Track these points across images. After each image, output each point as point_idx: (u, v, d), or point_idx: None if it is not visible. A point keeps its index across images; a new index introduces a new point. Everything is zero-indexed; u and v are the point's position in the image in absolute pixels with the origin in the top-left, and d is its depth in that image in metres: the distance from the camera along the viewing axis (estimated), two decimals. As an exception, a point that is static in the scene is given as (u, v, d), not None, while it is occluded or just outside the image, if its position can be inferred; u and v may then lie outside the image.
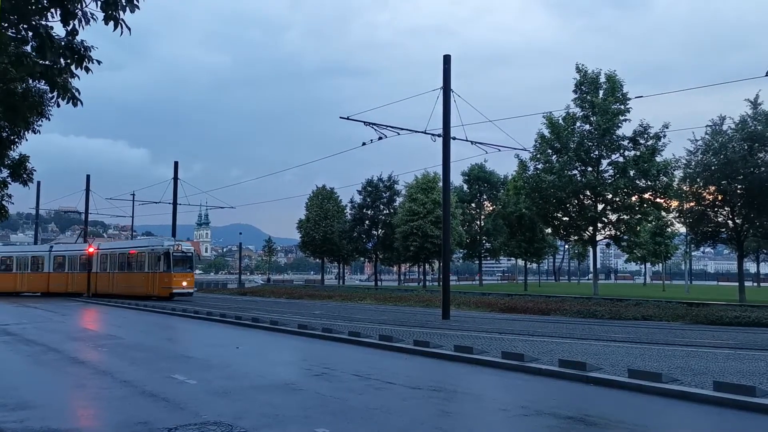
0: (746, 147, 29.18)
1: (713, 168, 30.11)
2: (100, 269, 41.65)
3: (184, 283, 36.59)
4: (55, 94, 7.82)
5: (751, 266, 78.88)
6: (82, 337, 17.98)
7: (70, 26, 6.84)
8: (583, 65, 36.45)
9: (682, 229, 47.17)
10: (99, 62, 7.48)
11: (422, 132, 24.31)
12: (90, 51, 7.32)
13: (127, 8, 6.54)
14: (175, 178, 45.79)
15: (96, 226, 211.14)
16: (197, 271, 56.60)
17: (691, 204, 32.46)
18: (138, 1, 6.58)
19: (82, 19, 6.88)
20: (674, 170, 34.09)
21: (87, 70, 7.39)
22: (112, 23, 6.61)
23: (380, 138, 23.88)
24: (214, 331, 19.77)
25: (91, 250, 44.41)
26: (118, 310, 30.50)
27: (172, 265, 35.83)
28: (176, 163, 46.77)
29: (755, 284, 66.46)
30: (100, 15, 6.72)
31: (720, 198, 30.77)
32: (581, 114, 36.12)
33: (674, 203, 35.38)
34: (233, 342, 16.51)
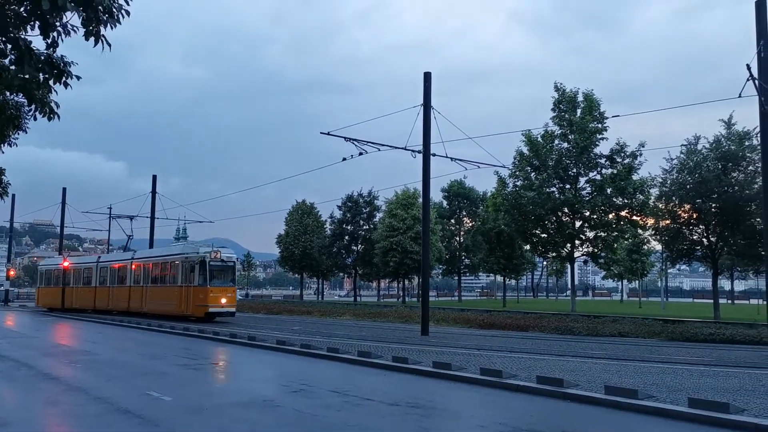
0: (720, 166, 29.68)
1: (688, 187, 30.55)
2: (134, 282, 35.66)
3: (223, 300, 29.33)
4: (33, 107, 7.76)
5: (725, 283, 79.94)
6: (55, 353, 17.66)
7: (50, 39, 6.82)
8: (561, 84, 36.94)
9: (658, 247, 47.68)
10: (78, 78, 7.45)
11: (402, 148, 24.44)
12: (70, 66, 7.29)
13: (109, 24, 6.54)
14: (153, 192, 45.44)
15: (72, 240, 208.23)
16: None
17: (667, 222, 32.87)
18: (119, 18, 6.58)
19: (62, 32, 6.86)
20: (650, 188, 34.52)
21: (66, 85, 7.35)
22: (92, 39, 6.59)
23: (360, 153, 23.95)
24: (192, 346, 19.56)
25: (66, 264, 43.59)
26: (93, 325, 30.05)
27: (209, 278, 29.04)
28: (154, 177, 46.46)
29: (729, 301, 67.30)
30: (80, 29, 6.70)
31: (695, 216, 31.20)
32: (559, 132, 36.53)
33: (650, 221, 35.80)
34: (211, 358, 16.34)
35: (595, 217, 36.38)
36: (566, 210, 36.78)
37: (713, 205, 30.07)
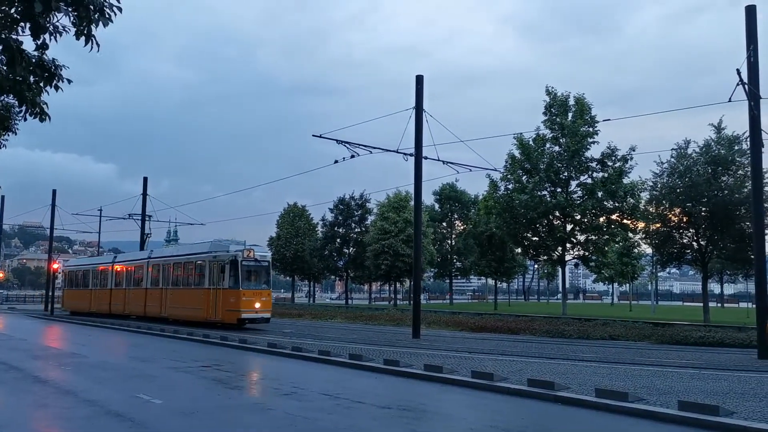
0: (710, 170, 29.86)
1: (678, 190, 30.71)
2: (151, 284, 32.50)
3: (257, 305, 25.96)
4: (23, 108, 7.72)
5: (715, 287, 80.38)
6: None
7: (41, 40, 6.79)
8: (552, 88, 37.04)
9: (649, 250, 47.91)
10: (69, 81, 7.41)
11: (394, 151, 24.44)
12: (61, 69, 7.26)
13: (100, 22, 6.51)
14: (144, 194, 45.19)
15: (61, 242, 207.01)
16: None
17: (657, 225, 33.02)
18: (110, 16, 6.56)
19: (53, 33, 6.83)
20: (641, 192, 34.66)
21: (57, 88, 7.32)
22: (83, 38, 6.56)
23: (352, 156, 23.95)
24: (182, 348, 19.48)
25: (55, 266, 43.26)
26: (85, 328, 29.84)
27: (241, 279, 25.84)
28: (145, 179, 46.22)
29: (719, 305, 67.66)
30: (71, 29, 6.68)
31: (685, 220, 31.36)
32: (551, 136, 36.63)
33: (641, 224, 35.93)
34: (202, 361, 16.27)
35: (586, 220, 36.49)
36: (557, 213, 36.86)
37: (703, 208, 30.23)
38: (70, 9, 6.33)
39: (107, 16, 6.52)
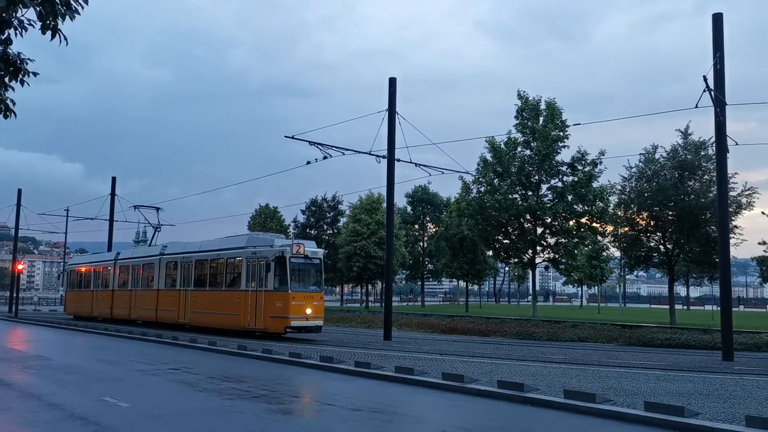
0: (677, 175, 30.40)
1: (646, 195, 31.20)
2: (166, 284, 28.53)
3: (309, 311, 21.95)
4: (-13, 105, 7.52)
5: (681, 290, 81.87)
6: None
7: (5, 35, 6.63)
8: (524, 92, 37.36)
9: (617, 253, 48.54)
10: (35, 74, 7.26)
11: (367, 153, 24.40)
12: (26, 64, 7.10)
13: (67, 16, 6.38)
14: (113, 194, 44.50)
15: (26, 242, 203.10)
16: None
17: (626, 229, 33.51)
18: (77, 9, 6.43)
19: (18, 28, 6.68)
20: (610, 196, 35.15)
21: (23, 82, 7.16)
22: (49, 33, 6.43)
23: (325, 157, 23.84)
24: (142, 349, 19.20)
25: (20, 267, 42.08)
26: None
27: (289, 280, 21.96)
28: (114, 179, 45.53)
29: (685, 307, 68.92)
30: (37, 23, 6.53)
31: (652, 224, 31.88)
32: (522, 139, 36.94)
33: (609, 228, 36.43)
34: (165, 363, 16.05)
35: (556, 223, 36.87)
36: (528, 216, 37.19)
37: (670, 213, 30.77)
38: (35, 2, 6.19)
39: (73, 9, 6.39)
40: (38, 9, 6.29)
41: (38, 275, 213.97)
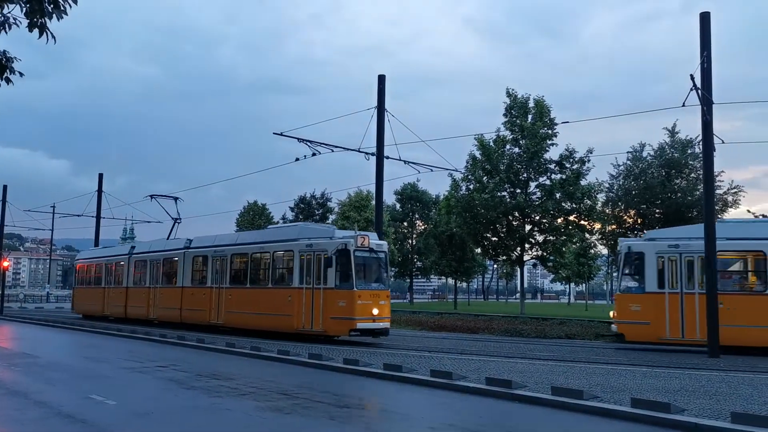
0: (664, 173, 30.63)
1: (634, 192, 31.42)
2: (193, 281, 25.92)
3: (375, 311, 19.41)
4: (-28, 100, 7.46)
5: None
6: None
7: (-11, 32, 6.57)
8: (513, 90, 37.43)
9: (605, 251, 48.97)
10: (21, 74, 7.19)
11: (356, 150, 24.39)
12: (13, 62, 7.03)
13: (54, 15, 6.33)
14: (99, 191, 44.16)
15: (12, 239, 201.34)
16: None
17: (613, 227, 33.72)
18: (65, 9, 6.38)
19: (4, 25, 6.62)
20: (597, 194, 35.37)
21: (8, 81, 7.09)
22: (36, 31, 6.38)
23: (314, 154, 23.81)
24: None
25: (5, 264, 41.02)
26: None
27: (354, 276, 19.48)
28: (101, 175, 45.19)
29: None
30: (24, 21, 6.48)
31: (639, 221, 32.09)
32: (511, 137, 37.04)
33: (597, 225, 36.67)
34: (156, 361, 16.00)
35: (544, 221, 37.02)
36: (517, 214, 37.32)
37: (657, 210, 30.99)
38: (22, 1, 6.14)
39: (62, 8, 6.34)
40: (25, 6, 6.23)
41: (24, 272, 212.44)
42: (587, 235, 42.14)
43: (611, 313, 22.03)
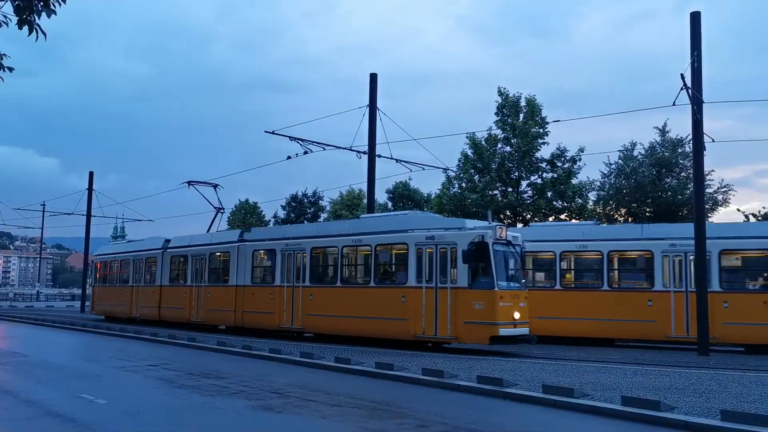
0: (655, 172, 30.80)
1: (625, 191, 31.58)
2: (254, 280, 22.88)
3: (516, 315, 16.58)
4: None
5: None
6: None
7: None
8: (504, 89, 37.43)
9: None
10: (11, 69, 7.15)
11: (348, 149, 24.40)
12: (2, 59, 6.99)
13: (44, 13, 6.29)
14: (90, 189, 43.98)
15: (2, 238, 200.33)
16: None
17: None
18: (55, 7, 6.34)
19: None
20: (589, 192, 35.48)
21: (-3, 77, 7.06)
22: (26, 28, 6.34)
23: (306, 153, 23.81)
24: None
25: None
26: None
27: (495, 274, 16.45)
28: (91, 173, 45.02)
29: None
30: (14, 18, 6.44)
31: (630, 220, 32.27)
32: (502, 136, 37.06)
33: (588, 224, 36.76)
34: (147, 360, 15.95)
35: (536, 219, 37.11)
36: (508, 213, 37.38)
37: (648, 209, 31.17)
38: (13, -2, 6.11)
39: (52, 6, 6.31)
40: (15, 3, 6.19)
41: (14, 270, 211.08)
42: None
43: None
